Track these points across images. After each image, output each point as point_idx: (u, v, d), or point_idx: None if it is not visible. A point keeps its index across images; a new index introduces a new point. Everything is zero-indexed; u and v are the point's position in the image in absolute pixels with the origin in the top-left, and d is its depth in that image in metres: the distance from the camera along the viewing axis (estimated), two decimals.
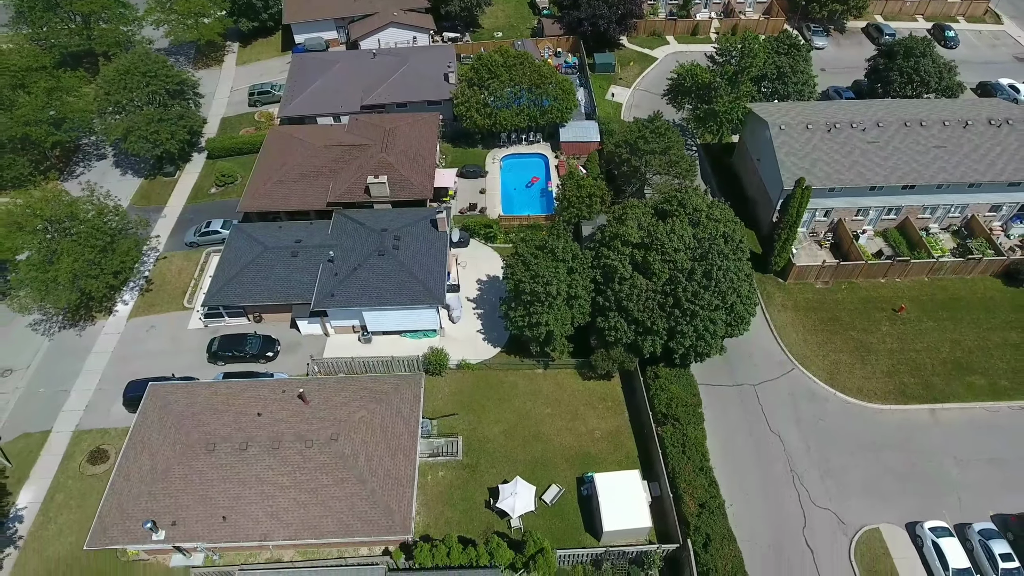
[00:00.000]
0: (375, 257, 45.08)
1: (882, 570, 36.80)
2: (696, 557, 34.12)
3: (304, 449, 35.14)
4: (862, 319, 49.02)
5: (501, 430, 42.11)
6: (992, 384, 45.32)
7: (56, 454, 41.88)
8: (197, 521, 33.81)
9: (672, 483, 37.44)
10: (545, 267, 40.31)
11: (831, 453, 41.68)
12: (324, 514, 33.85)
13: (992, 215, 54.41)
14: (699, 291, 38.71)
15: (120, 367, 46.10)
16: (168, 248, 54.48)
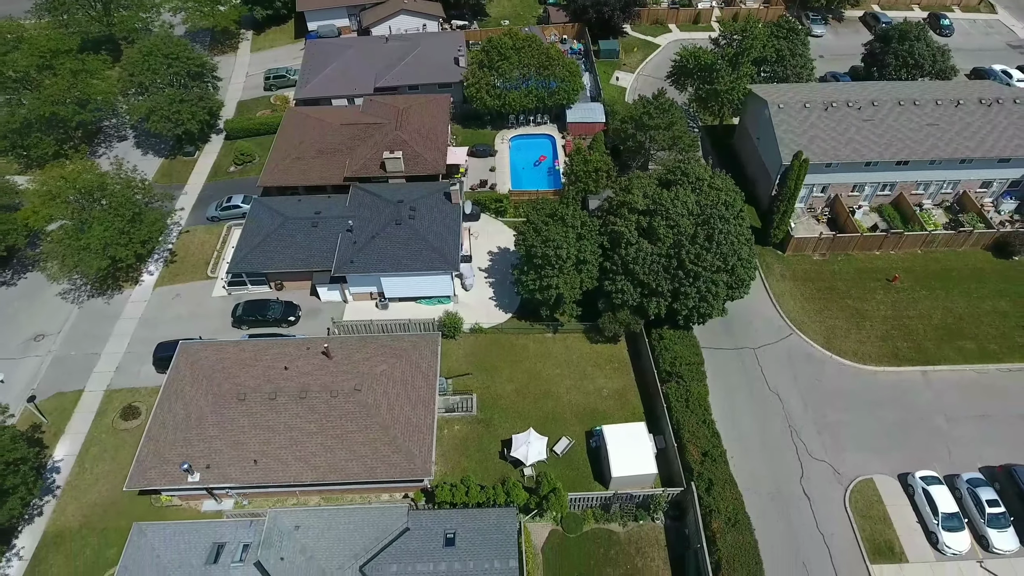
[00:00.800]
0: (392, 226, 47.21)
1: (875, 516, 38.89)
2: (699, 500, 36.20)
3: (329, 399, 37.27)
4: (857, 288, 51.15)
5: (513, 388, 44.25)
6: (981, 348, 47.41)
7: (89, 411, 44.02)
8: (230, 464, 35.93)
9: (676, 435, 39.53)
10: (555, 232, 42.43)
11: (827, 410, 43.78)
12: (349, 458, 35.97)
13: (983, 191, 56.52)
14: (702, 253, 40.84)
15: (148, 332, 48.25)
16: (190, 223, 56.63)
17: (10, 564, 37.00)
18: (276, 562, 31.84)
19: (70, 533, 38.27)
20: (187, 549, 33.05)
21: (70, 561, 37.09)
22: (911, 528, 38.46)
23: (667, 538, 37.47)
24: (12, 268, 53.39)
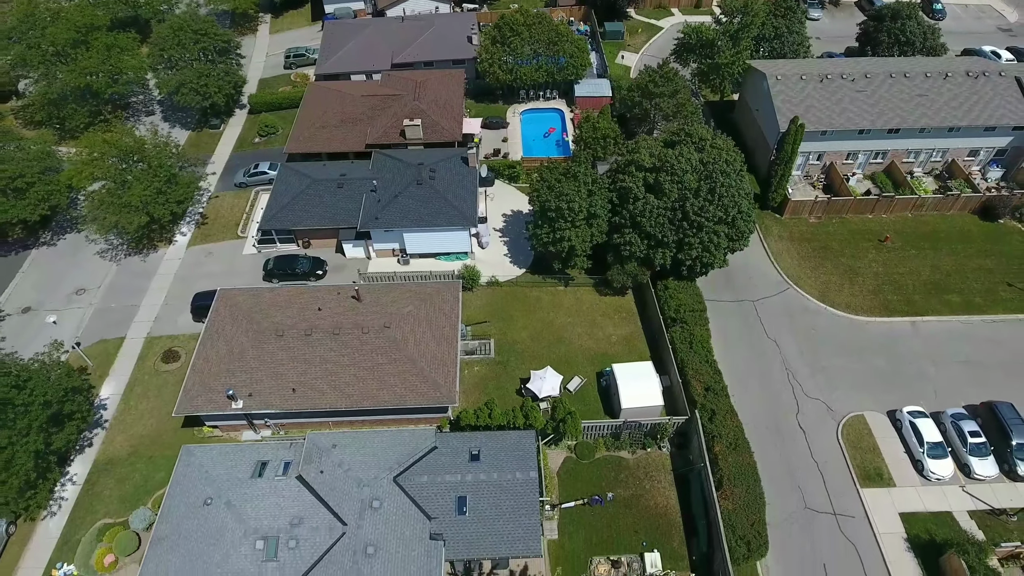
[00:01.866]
0: (414, 186, 50.26)
1: (865, 447, 41.93)
2: (703, 427, 39.22)
3: (361, 335, 40.35)
4: (851, 248, 54.22)
5: (528, 335, 47.33)
6: (967, 301, 50.46)
7: (131, 356, 47.06)
8: (270, 392, 39.00)
9: (681, 372, 42.54)
10: (568, 188, 45.50)
11: (821, 355, 46.82)
12: (380, 387, 39.02)
13: (971, 160, 59.57)
14: (705, 205, 43.91)
15: (183, 286, 51.31)
16: (219, 189, 59.66)
17: (65, 488, 40.01)
18: (316, 475, 34.83)
19: (119, 460, 41.35)
20: (233, 466, 36.02)
21: (121, 484, 40.15)
22: (898, 458, 41.48)
23: (672, 464, 40.55)
24: (52, 229, 56.48)
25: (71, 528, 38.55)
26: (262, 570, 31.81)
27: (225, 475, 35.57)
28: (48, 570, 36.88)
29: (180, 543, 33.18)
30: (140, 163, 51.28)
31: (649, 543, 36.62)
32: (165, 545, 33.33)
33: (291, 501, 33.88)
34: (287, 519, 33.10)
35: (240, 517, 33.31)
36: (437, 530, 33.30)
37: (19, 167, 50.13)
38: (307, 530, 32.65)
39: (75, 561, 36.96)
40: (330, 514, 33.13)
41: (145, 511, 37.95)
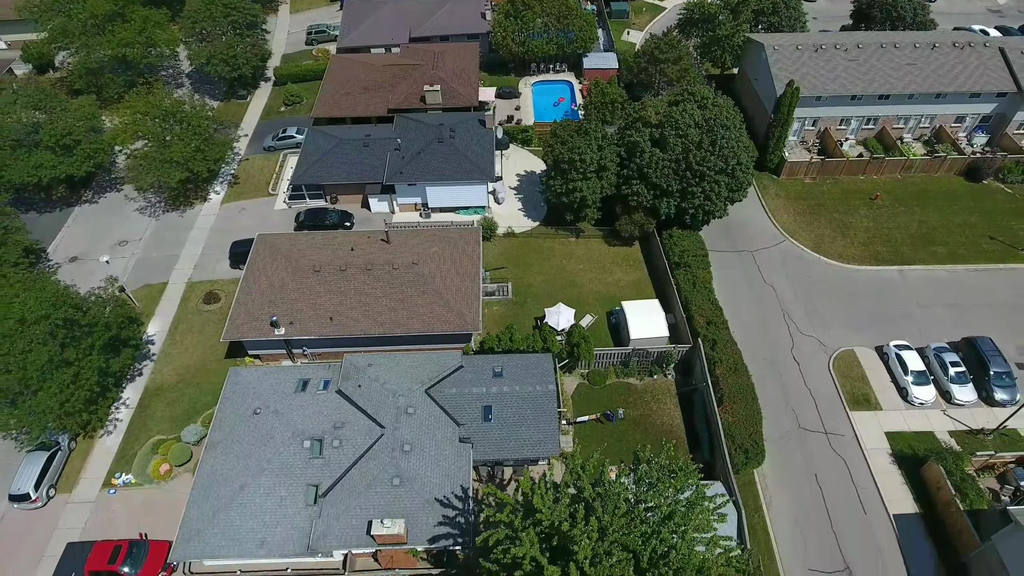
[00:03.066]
0: (435, 144, 53.88)
1: (854, 376, 45.47)
2: (705, 354, 42.77)
3: (391, 271, 43.96)
4: (843, 205, 57.81)
5: (542, 279, 50.93)
6: (952, 252, 54.00)
7: (174, 299, 50.69)
8: (309, 321, 42.61)
9: (685, 309, 46.13)
10: (579, 142, 49.12)
11: (815, 299, 50.38)
12: (410, 316, 42.62)
13: (957, 126, 63.15)
14: (706, 156, 47.51)
15: (219, 237, 54.94)
16: (248, 153, 63.37)
17: (119, 411, 43.61)
18: (354, 389, 38.34)
19: (168, 387, 44.97)
20: (277, 383, 39.58)
21: (171, 407, 43.76)
22: (885, 386, 45.01)
23: (677, 388, 44.14)
24: (93, 188, 60.15)
25: (127, 444, 42.17)
26: (309, 466, 35.38)
27: (271, 390, 39.13)
28: (108, 478, 40.49)
29: (232, 446, 36.75)
30: (179, 124, 54.78)
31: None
32: (219, 449, 36.90)
33: (333, 410, 37.49)
34: (330, 424, 36.69)
35: (287, 423, 36.90)
36: (465, 435, 36.87)
37: (67, 125, 53.74)
38: (349, 432, 36.24)
39: (132, 471, 40.58)
40: (369, 420, 36.71)
41: (195, 427, 41.55)
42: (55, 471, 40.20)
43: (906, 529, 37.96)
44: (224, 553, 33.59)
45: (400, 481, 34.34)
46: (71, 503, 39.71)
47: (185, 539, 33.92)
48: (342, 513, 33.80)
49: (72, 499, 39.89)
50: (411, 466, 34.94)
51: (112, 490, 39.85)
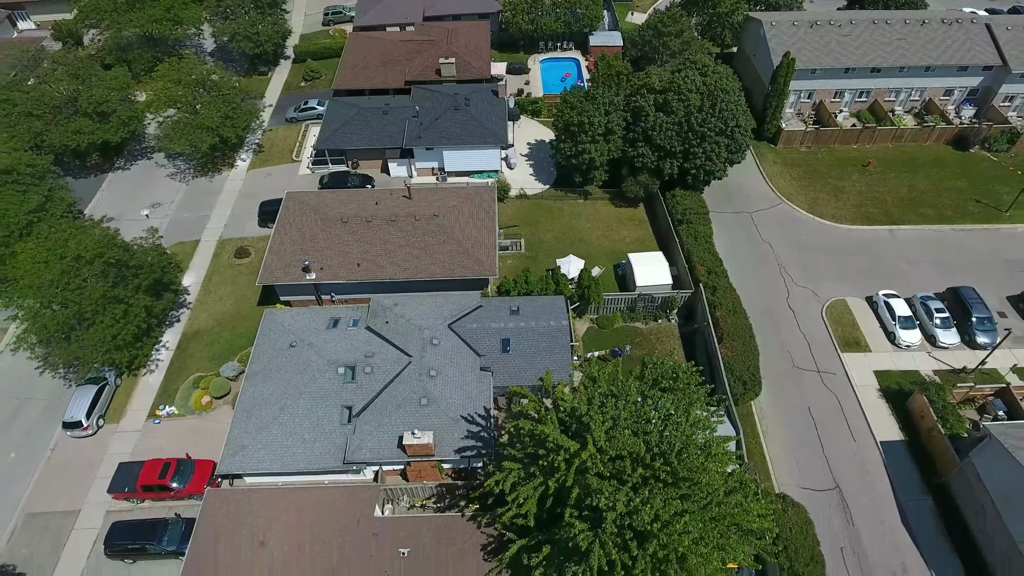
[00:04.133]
0: (451, 111, 57.08)
1: (845, 323, 48.64)
2: (706, 299, 45.92)
3: (414, 222, 47.13)
4: (837, 171, 61.00)
5: (553, 236, 54.11)
6: (939, 213, 57.19)
7: (207, 254, 53.88)
8: (338, 267, 45.78)
9: (687, 260, 49.30)
10: (588, 107, 52.31)
11: (809, 255, 53.56)
12: (432, 262, 45.80)
13: (946, 99, 66.37)
14: (707, 118, 50.71)
15: (247, 200, 58.12)
16: (271, 125, 66.57)
17: (160, 352, 46.78)
18: (382, 325, 41.46)
19: (205, 331, 48.17)
20: (310, 322, 42.77)
21: (208, 348, 46.95)
22: (874, 331, 48.19)
23: (680, 331, 47.31)
24: (124, 156, 63.36)
25: (168, 381, 45.34)
26: (343, 390, 38.55)
27: (304, 327, 42.34)
28: (152, 410, 43.69)
29: (271, 375, 39.94)
30: (208, 92, 57.98)
31: None
32: (258, 377, 40.10)
33: (363, 343, 40.67)
34: (361, 354, 39.87)
35: (321, 353, 40.08)
36: (485, 364, 40.06)
37: (103, 93, 56.93)
38: (379, 360, 39.42)
39: (175, 403, 43.77)
40: (397, 350, 39.88)
41: (233, 364, 44.72)
42: (103, 403, 43.36)
43: (892, 454, 41.14)
44: (266, 466, 36.71)
45: (427, 401, 37.51)
46: (119, 432, 42.90)
47: (231, 454, 37.09)
48: (374, 430, 36.97)
49: (119, 428, 43.08)
50: (437, 389, 38.12)
51: (157, 420, 43.04)
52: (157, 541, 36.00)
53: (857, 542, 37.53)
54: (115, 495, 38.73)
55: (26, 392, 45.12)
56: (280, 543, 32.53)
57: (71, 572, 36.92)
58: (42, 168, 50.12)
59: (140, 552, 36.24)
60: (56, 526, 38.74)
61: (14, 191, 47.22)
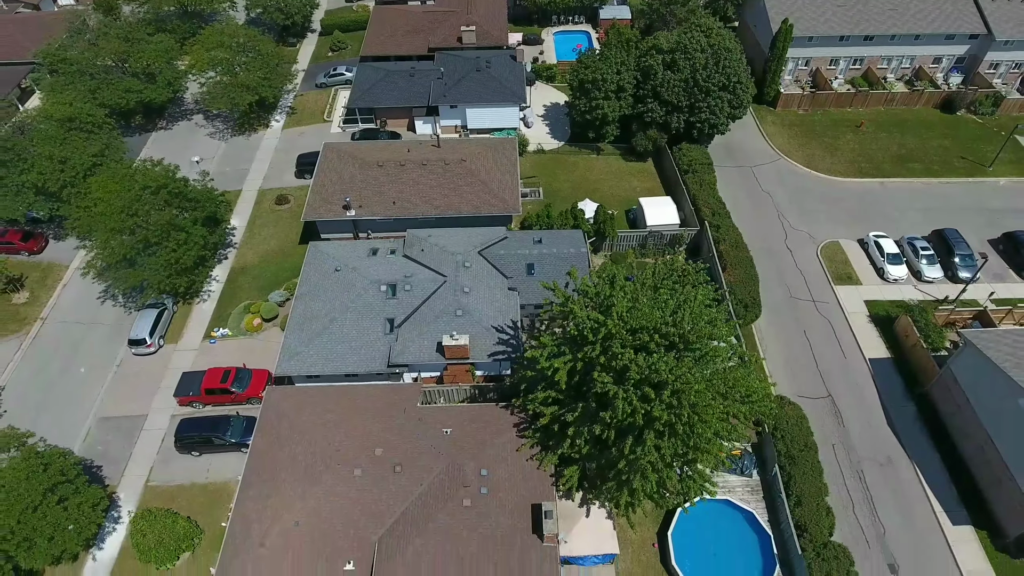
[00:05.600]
0: (474, 72, 61.52)
1: (838, 260, 52.97)
2: (711, 235, 50.26)
3: (444, 166, 51.53)
4: (832, 132, 65.38)
5: (568, 185, 58.51)
6: (927, 168, 61.56)
7: (249, 201, 58.29)
8: (375, 205, 50.15)
9: (693, 203, 53.66)
10: (602, 64, 56.71)
11: (805, 203, 57.91)
12: (461, 201, 50.18)
13: (935, 67, 70.77)
14: (712, 74, 55.10)
15: (283, 155, 62.56)
16: (302, 90, 71.04)
17: (210, 285, 51.12)
18: (418, 252, 45.84)
19: (252, 266, 52.59)
20: (352, 251, 47.10)
21: (256, 280, 51.35)
22: (865, 268, 52.53)
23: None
24: (166, 117, 67.81)
25: (220, 308, 49.74)
26: (386, 305, 42.92)
27: (347, 255, 46.71)
28: (208, 332, 48.06)
29: (319, 294, 44.29)
30: (247, 54, 62.44)
31: None
32: (307, 296, 44.46)
33: (401, 267, 45.07)
34: (400, 275, 44.25)
35: (364, 275, 44.46)
36: (512, 285, 44.42)
37: (151, 55, 61.38)
38: (416, 280, 43.79)
39: (228, 326, 48.15)
40: (432, 272, 44.27)
41: (280, 292, 49.12)
42: (163, 325, 47.74)
43: (879, 368, 45.49)
44: (318, 369, 41.04)
45: (462, 312, 41.87)
46: (178, 351, 47.28)
47: (286, 359, 41.46)
48: (416, 337, 41.33)
49: (178, 348, 47.46)
50: (470, 302, 42.47)
51: (212, 340, 47.42)
52: (222, 433, 40.35)
53: (847, 440, 41.86)
54: (180, 399, 43.07)
55: (92, 318, 49.51)
56: (337, 428, 36.78)
57: (142, 465, 41.26)
58: (99, 119, 54.45)
59: (206, 444, 40.58)
60: (126, 427, 43.12)
61: (78, 137, 51.58)
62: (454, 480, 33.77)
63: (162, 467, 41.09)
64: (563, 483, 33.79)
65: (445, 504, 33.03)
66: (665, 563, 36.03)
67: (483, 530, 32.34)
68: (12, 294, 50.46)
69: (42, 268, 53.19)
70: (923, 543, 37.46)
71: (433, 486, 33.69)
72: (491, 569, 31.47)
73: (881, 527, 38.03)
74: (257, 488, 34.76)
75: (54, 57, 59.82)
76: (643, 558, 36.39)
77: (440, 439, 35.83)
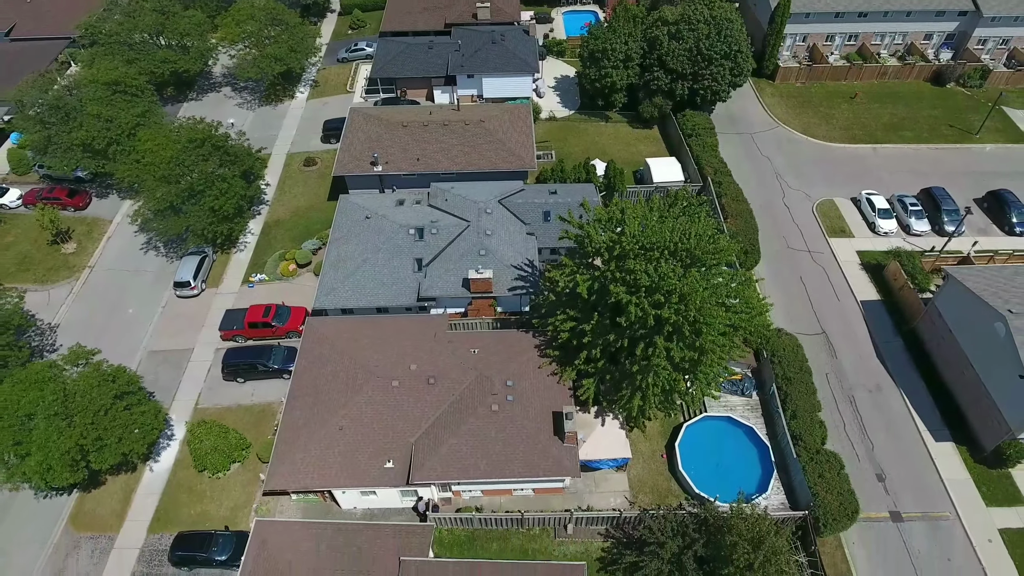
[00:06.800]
0: (489, 45, 65.20)
1: (832, 216, 56.57)
2: (713, 189, 53.86)
3: (464, 126, 55.17)
4: (828, 102, 69.02)
5: (579, 149, 62.11)
6: (917, 135, 65.17)
7: (278, 163, 61.93)
8: (401, 160, 53.80)
9: (696, 163, 57.28)
10: (610, 34, 60.39)
11: (802, 165, 61.50)
12: (479, 158, 53.79)
13: (926, 43, 74.43)
14: (714, 43, 58.74)
15: (309, 123, 66.25)
16: (324, 65, 74.73)
17: (246, 237, 54.74)
18: (442, 201, 49.47)
19: (284, 220, 56.23)
20: (380, 201, 50.74)
21: (289, 231, 54.98)
22: (857, 222, 56.12)
23: None
24: (196, 90, 71.50)
25: (256, 257, 53.38)
26: (414, 247, 46.52)
27: (376, 205, 50.34)
28: (246, 277, 51.68)
29: (351, 239, 47.90)
30: (276, 27, 66.13)
31: None
32: (340, 241, 48.06)
33: (427, 214, 48.71)
34: (427, 220, 47.88)
35: (393, 220, 48.10)
36: (530, 231, 48.03)
37: (185, 27, 65.07)
38: (442, 225, 47.40)
39: (265, 271, 51.76)
40: (456, 218, 47.89)
41: (313, 240, 52.73)
42: (205, 270, 51.36)
43: (870, 309, 49.09)
44: (353, 303, 44.63)
45: (485, 252, 45.47)
46: (219, 294, 50.90)
47: (323, 293, 45.08)
48: (443, 273, 44.94)
49: (219, 291, 51.08)
50: (492, 244, 46.10)
51: (250, 284, 51.04)
52: (266, 360, 43.96)
53: (840, 370, 45.46)
54: (224, 333, 46.66)
55: (136, 267, 53.15)
56: (373, 349, 40.33)
57: (191, 391, 44.85)
58: (141, 84, 58.10)
59: (250, 370, 44.17)
60: (174, 360, 46.73)
61: (122, 99, 55.23)
62: (483, 389, 37.35)
63: (209, 393, 44.70)
64: (581, 394, 37.39)
65: (475, 410, 36.59)
66: (673, 471, 39.67)
67: (510, 431, 35.92)
68: (62, 245, 54.07)
69: (87, 223, 56.81)
70: (908, 457, 41.04)
71: (464, 395, 37.28)
72: (518, 464, 35.05)
73: (870, 443, 41.62)
74: (303, 400, 38.35)
75: (94, 29, 63.49)
76: (653, 467, 40.01)
77: (469, 357, 39.41)
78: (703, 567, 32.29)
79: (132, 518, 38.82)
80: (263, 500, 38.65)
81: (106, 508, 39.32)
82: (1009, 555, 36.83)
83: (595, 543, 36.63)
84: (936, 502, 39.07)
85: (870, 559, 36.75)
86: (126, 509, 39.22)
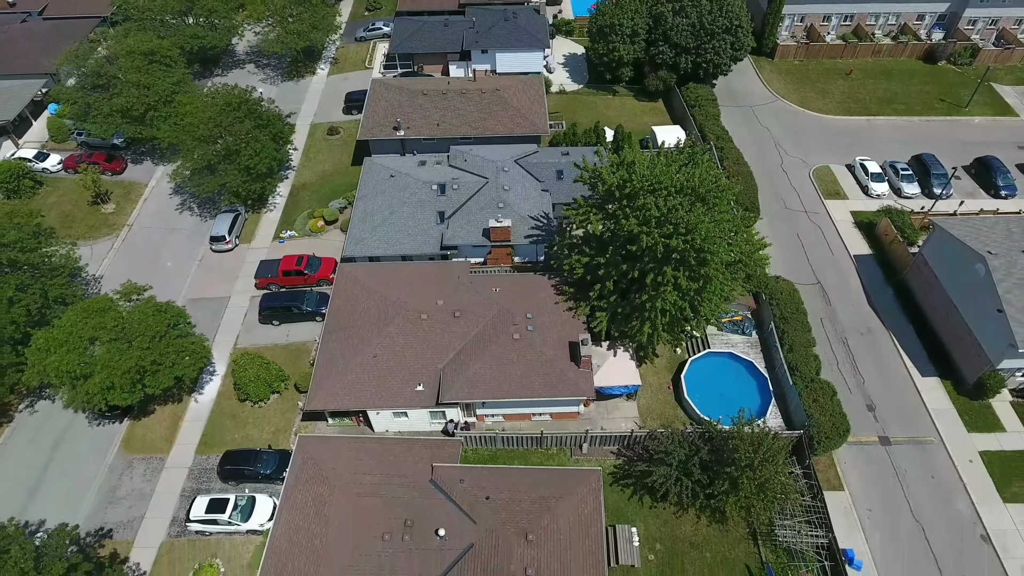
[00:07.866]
0: (502, 22, 68.63)
1: (828, 180, 59.92)
2: (717, 154, 57.19)
3: (480, 95, 58.54)
4: (824, 78, 72.42)
5: (588, 120, 65.35)
6: (909, 108, 68.54)
7: (303, 132, 65.26)
8: (421, 126, 57.15)
9: (699, 131, 60.62)
10: (617, 10, 63.80)
11: (799, 135, 64.90)
12: (496, 124, 57.13)
13: (919, 24, 77.83)
14: (716, 18, 62.15)
15: (330, 98, 69.63)
16: (343, 43, 78.14)
17: (275, 199, 58.10)
18: (462, 162, 52.83)
19: (311, 183, 59.61)
20: (403, 162, 54.10)
21: (315, 193, 58.34)
22: (851, 186, 59.48)
23: None
24: (220, 66, 74.88)
25: (285, 215, 56.74)
26: (437, 201, 49.90)
27: (399, 165, 53.70)
28: (276, 233, 55.03)
29: (377, 196, 51.24)
30: (298, 5, 69.55)
31: None
32: (367, 197, 51.40)
33: (448, 173, 52.07)
34: (448, 178, 51.23)
35: (416, 178, 51.45)
36: (544, 188, 51.37)
37: (213, 3, 68.49)
38: (462, 182, 50.75)
39: (294, 228, 55.11)
40: (476, 176, 51.24)
41: (339, 200, 56.08)
42: (239, 227, 54.71)
43: (862, 262, 52.43)
44: (381, 251, 47.97)
45: (503, 205, 48.82)
46: (251, 248, 54.23)
47: (352, 243, 48.44)
48: (464, 224, 48.29)
49: (252, 246, 54.41)
50: (510, 198, 49.44)
51: (281, 240, 54.38)
52: (300, 303, 47.29)
53: (834, 315, 48.77)
54: (259, 280, 50.01)
55: (172, 225, 56.49)
56: (402, 289, 43.61)
57: (230, 333, 48.16)
58: (175, 55, 61.50)
59: (285, 313, 47.48)
60: (213, 306, 50.02)
61: (158, 68, 58.62)
62: (505, 321, 40.66)
63: (247, 335, 48.02)
64: (594, 326, 40.72)
65: (498, 338, 39.90)
66: (679, 400, 42.98)
67: (530, 356, 39.22)
68: (102, 205, 57.41)
69: (124, 186, 60.15)
70: (897, 390, 44.36)
71: (487, 327, 40.59)
72: (538, 385, 38.37)
73: (861, 378, 44.95)
74: (338, 333, 41.66)
75: (128, 5, 66.89)
76: (660, 397, 43.34)
77: (491, 295, 42.73)
78: (707, 472, 35.60)
79: (180, 442, 42.14)
80: (302, 424, 41.96)
81: (156, 433, 42.64)
82: (988, 473, 40.13)
83: (608, 460, 39.95)
84: (921, 428, 42.39)
85: (860, 476, 40.06)
86: (174, 434, 42.54)
